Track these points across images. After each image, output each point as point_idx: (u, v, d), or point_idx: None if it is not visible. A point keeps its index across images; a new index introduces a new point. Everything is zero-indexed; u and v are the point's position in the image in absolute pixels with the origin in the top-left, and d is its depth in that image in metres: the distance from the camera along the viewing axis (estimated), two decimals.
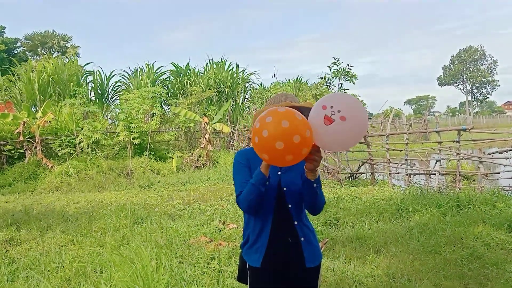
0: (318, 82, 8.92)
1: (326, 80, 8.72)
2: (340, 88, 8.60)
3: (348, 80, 8.60)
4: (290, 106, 1.66)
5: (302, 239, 1.73)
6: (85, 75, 18.87)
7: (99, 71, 21.31)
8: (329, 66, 8.38)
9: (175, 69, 19.55)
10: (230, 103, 17.25)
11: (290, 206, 1.72)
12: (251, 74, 21.32)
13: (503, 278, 3.44)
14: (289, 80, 21.68)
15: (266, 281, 1.73)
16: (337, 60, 8.37)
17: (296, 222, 1.73)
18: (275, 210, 1.72)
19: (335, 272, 3.66)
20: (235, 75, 20.34)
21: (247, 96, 21.83)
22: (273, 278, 1.73)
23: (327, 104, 1.39)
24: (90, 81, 18.74)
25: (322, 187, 1.67)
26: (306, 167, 1.53)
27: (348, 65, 8.43)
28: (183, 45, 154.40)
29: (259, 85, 22.22)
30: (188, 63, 19.98)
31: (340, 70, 8.44)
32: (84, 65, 20.06)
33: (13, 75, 16.72)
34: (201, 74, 19.93)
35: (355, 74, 8.50)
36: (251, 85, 22.00)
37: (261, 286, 1.74)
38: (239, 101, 20.84)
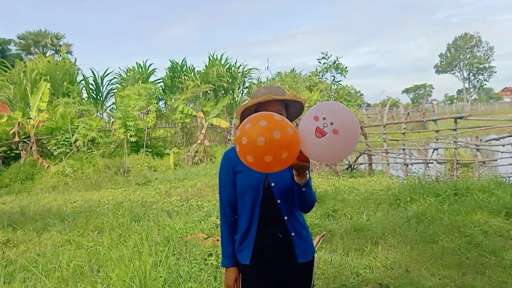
0: (311, 73, 8.82)
1: (318, 73, 8.65)
2: (333, 81, 8.52)
3: (339, 73, 8.57)
4: (273, 100, 1.61)
5: (293, 234, 1.69)
6: (78, 74, 18.69)
7: (93, 70, 21.05)
8: (318, 59, 8.29)
9: (171, 66, 19.34)
10: (229, 98, 17.10)
11: (279, 201, 1.68)
12: (250, 70, 21.11)
13: (501, 266, 3.43)
14: (287, 72, 21.49)
15: (257, 279, 1.70)
16: (326, 54, 8.30)
17: (286, 217, 1.68)
18: (262, 206, 1.68)
19: (333, 264, 3.64)
20: (231, 70, 20.18)
21: (244, 91, 21.68)
22: (264, 275, 1.69)
23: (319, 115, 1.32)
24: (82, 80, 18.55)
25: (320, 179, 1.65)
26: (294, 173, 1.50)
27: (337, 58, 8.37)
28: (178, 41, 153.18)
29: (257, 79, 22.06)
30: (184, 59, 19.74)
31: (330, 64, 8.38)
32: (74, 62, 19.83)
33: (5, 74, 16.52)
34: (198, 70, 19.75)
35: (345, 67, 8.46)
36: (249, 80, 21.84)
37: (252, 284, 1.71)
38: (236, 95, 20.71)
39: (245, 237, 1.72)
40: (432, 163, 8.65)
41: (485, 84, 64.72)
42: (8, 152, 11.85)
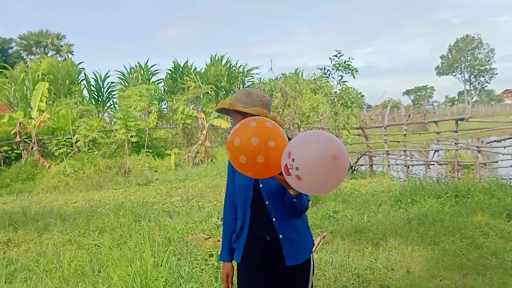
0: (317, 76, 8.72)
1: (326, 72, 8.49)
2: (340, 80, 8.39)
3: (349, 73, 8.40)
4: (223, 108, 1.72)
5: (280, 236, 1.67)
6: (79, 74, 18.72)
7: (94, 71, 21.10)
8: (330, 58, 8.14)
9: (173, 67, 19.35)
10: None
11: (267, 203, 1.68)
12: (250, 70, 21.11)
13: (502, 267, 3.43)
14: (291, 73, 21.48)
15: (248, 278, 1.74)
16: (339, 53, 8.13)
17: (274, 219, 1.68)
18: (253, 207, 1.71)
19: (334, 265, 3.64)
20: (231, 70, 20.19)
21: None
22: (254, 275, 1.72)
23: (292, 153, 1.26)
24: (83, 80, 18.57)
25: None
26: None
27: (349, 58, 8.22)
28: (178, 41, 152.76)
29: (258, 79, 22.08)
30: (187, 60, 19.78)
31: (341, 63, 8.23)
32: (78, 63, 19.89)
33: (6, 77, 16.55)
34: (199, 70, 19.76)
35: (355, 68, 8.32)
36: (250, 80, 21.85)
37: (244, 283, 1.76)
38: None
39: (239, 236, 1.76)
40: (433, 164, 8.65)
41: (486, 86, 64.68)
42: (9, 152, 11.87)
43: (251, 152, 1.30)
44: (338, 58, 8.06)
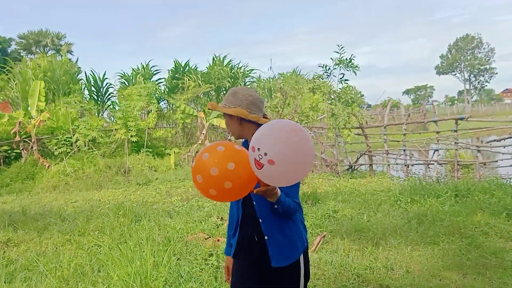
0: (316, 76, 8.68)
1: (327, 69, 8.39)
2: (341, 78, 8.33)
3: (350, 70, 8.29)
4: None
5: (266, 237, 1.68)
6: (79, 73, 18.71)
7: (93, 71, 21.06)
8: (332, 58, 8.07)
9: (174, 66, 19.32)
10: None
11: (254, 203, 1.70)
12: (251, 70, 21.08)
13: (502, 267, 3.44)
14: (289, 72, 21.45)
15: (239, 274, 1.80)
16: (341, 48, 8.03)
17: (260, 220, 1.69)
18: (244, 206, 1.74)
19: (333, 265, 3.64)
20: (233, 70, 20.17)
21: None
22: (243, 273, 1.77)
23: (255, 145, 1.28)
24: (80, 79, 18.55)
25: (321, 179, 1.68)
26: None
27: (351, 55, 8.18)
28: (178, 41, 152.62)
29: (257, 78, 22.07)
30: (188, 61, 19.77)
31: (342, 59, 8.15)
32: (76, 61, 19.89)
33: (7, 74, 16.55)
34: (200, 70, 19.76)
35: (357, 65, 8.23)
36: (251, 80, 21.83)
37: (235, 278, 1.82)
38: None
39: (234, 233, 1.81)
40: (433, 164, 8.66)
41: (486, 86, 64.67)
42: (9, 151, 11.87)
43: (216, 184, 1.34)
44: (340, 54, 8.02)
